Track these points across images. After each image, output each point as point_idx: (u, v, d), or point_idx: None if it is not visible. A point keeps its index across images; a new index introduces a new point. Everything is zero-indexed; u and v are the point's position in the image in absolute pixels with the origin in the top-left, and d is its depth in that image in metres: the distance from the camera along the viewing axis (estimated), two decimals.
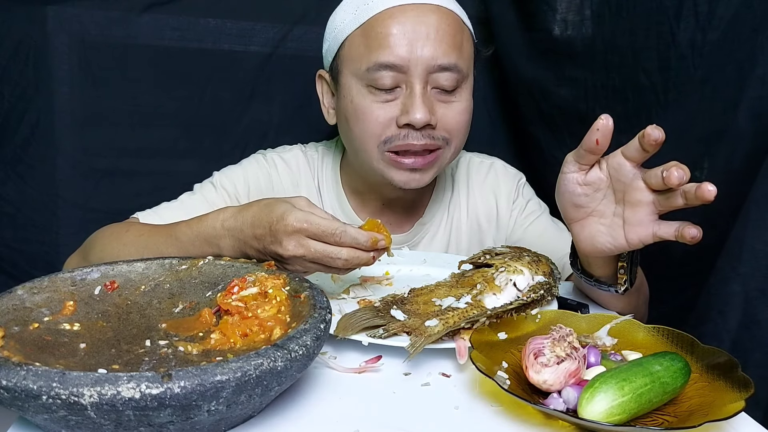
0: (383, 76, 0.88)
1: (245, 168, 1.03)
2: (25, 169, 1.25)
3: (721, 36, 0.92)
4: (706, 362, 0.62)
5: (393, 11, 0.88)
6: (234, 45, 1.31)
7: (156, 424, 0.47)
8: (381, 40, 0.87)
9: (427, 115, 0.87)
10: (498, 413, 0.58)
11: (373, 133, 0.90)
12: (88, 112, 1.27)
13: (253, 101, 1.34)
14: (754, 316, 0.83)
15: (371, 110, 0.89)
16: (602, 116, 0.66)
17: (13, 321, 0.57)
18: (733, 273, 0.85)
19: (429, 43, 0.87)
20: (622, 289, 0.76)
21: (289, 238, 0.69)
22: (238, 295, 0.63)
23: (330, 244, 0.69)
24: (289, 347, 0.51)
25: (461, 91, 0.92)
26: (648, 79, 1.04)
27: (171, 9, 1.26)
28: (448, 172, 1.08)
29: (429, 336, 0.65)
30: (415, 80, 0.88)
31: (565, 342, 0.58)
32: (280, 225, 0.69)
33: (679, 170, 0.62)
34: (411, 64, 0.87)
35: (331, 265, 0.70)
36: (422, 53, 0.87)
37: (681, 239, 0.64)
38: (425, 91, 0.88)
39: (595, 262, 0.77)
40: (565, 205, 0.73)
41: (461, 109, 0.92)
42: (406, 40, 0.87)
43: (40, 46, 1.22)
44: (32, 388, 0.45)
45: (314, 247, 0.69)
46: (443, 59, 0.88)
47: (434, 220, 1.06)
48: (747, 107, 0.87)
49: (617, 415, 0.52)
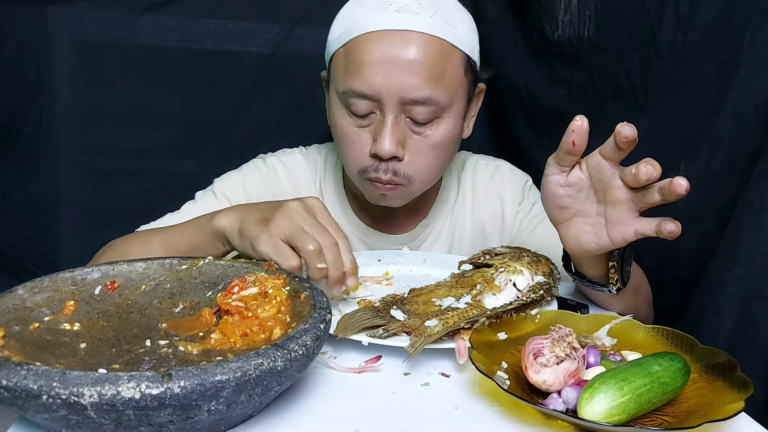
0: (357, 103, 0.86)
1: (244, 175, 1.03)
2: (27, 169, 1.26)
3: (702, 38, 0.92)
4: (705, 362, 0.62)
5: (371, 36, 0.84)
6: (234, 46, 1.31)
7: (156, 423, 0.47)
8: (356, 67, 0.85)
9: (393, 148, 0.85)
10: (497, 413, 0.58)
11: (352, 160, 0.91)
12: (89, 113, 1.28)
13: (253, 102, 1.34)
14: (749, 317, 0.83)
15: (348, 133, 0.89)
16: (577, 117, 0.66)
17: (14, 320, 0.57)
18: (728, 274, 0.85)
19: (403, 74, 0.83)
20: (614, 289, 0.76)
21: (296, 202, 0.73)
22: (238, 295, 0.63)
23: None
24: (289, 347, 0.52)
25: (439, 121, 0.88)
26: (628, 81, 1.04)
27: (172, 9, 1.27)
28: (454, 175, 1.07)
29: (429, 336, 0.65)
30: (387, 110, 0.85)
31: (565, 342, 0.58)
32: (294, 200, 0.74)
33: (648, 166, 0.62)
34: (383, 95, 0.84)
35: (305, 246, 0.70)
36: (395, 85, 0.83)
37: (660, 235, 0.65)
38: (397, 121, 0.86)
39: (585, 262, 0.77)
40: (550, 206, 0.74)
41: (434, 143, 0.88)
42: (380, 69, 0.83)
43: (42, 46, 1.22)
44: (32, 387, 0.45)
45: (314, 218, 0.72)
46: (416, 93, 0.84)
47: (437, 222, 1.05)
48: (730, 109, 0.86)
49: (617, 416, 0.52)
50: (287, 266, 0.69)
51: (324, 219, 0.74)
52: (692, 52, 0.94)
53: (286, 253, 0.70)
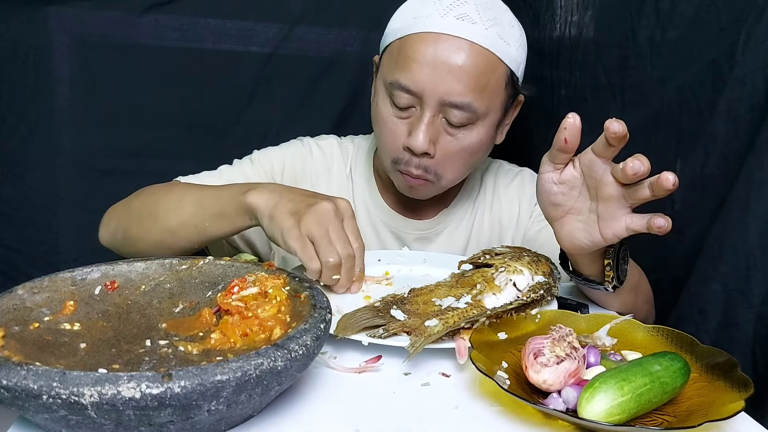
0: (400, 95, 0.90)
1: (284, 148, 1.08)
2: (24, 169, 1.25)
3: (682, 35, 0.92)
4: (705, 362, 0.62)
5: (427, 37, 0.89)
6: (234, 45, 1.31)
7: (156, 423, 0.47)
8: (407, 62, 0.89)
9: (426, 144, 0.90)
10: (498, 413, 0.58)
11: (387, 148, 0.95)
12: (89, 112, 1.27)
13: (253, 101, 1.34)
14: (733, 317, 0.83)
15: (387, 121, 0.94)
16: (569, 115, 0.67)
17: (14, 321, 0.57)
18: (713, 272, 0.85)
19: (449, 78, 0.87)
20: (610, 287, 0.77)
21: (330, 201, 0.77)
22: (238, 295, 0.63)
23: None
24: (289, 347, 0.52)
25: (473, 128, 0.92)
26: (606, 78, 1.04)
27: (171, 9, 1.27)
28: (478, 173, 1.10)
29: (429, 336, 0.65)
30: (426, 107, 0.89)
31: (565, 342, 0.58)
32: (327, 199, 0.78)
33: (635, 161, 0.63)
34: (426, 93, 0.88)
35: (325, 258, 0.74)
36: (439, 86, 0.88)
37: (650, 230, 0.66)
38: (434, 120, 0.90)
39: (581, 260, 0.77)
40: (544, 204, 0.75)
41: (464, 146, 0.92)
42: (428, 69, 0.88)
43: (41, 46, 1.22)
44: (32, 387, 0.45)
45: (341, 223, 0.76)
46: (457, 98, 0.88)
47: (458, 213, 1.08)
48: (725, 109, 0.86)
49: (617, 415, 0.52)
50: (310, 266, 0.75)
51: (349, 225, 0.78)
52: (672, 50, 0.93)
53: (311, 254, 0.75)
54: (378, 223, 1.06)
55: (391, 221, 1.06)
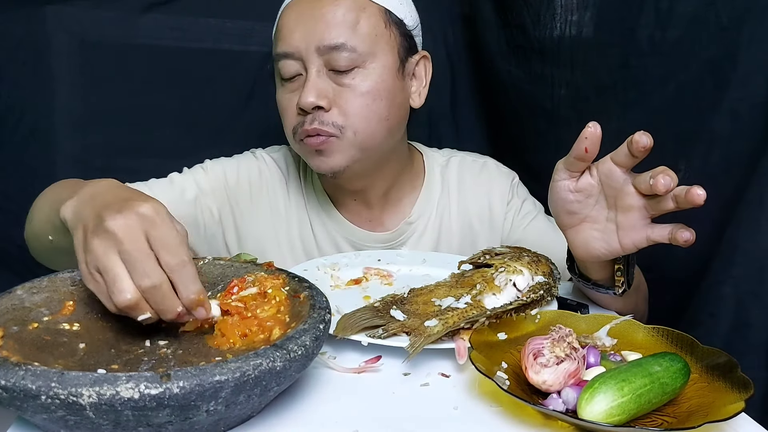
0: (284, 65, 0.91)
1: (238, 160, 1.05)
2: (24, 169, 1.25)
3: (682, 34, 0.91)
4: (705, 363, 0.62)
5: (291, 3, 0.93)
6: (234, 45, 1.31)
7: (155, 424, 0.47)
8: (280, 32, 0.92)
9: (314, 98, 0.87)
10: (497, 414, 0.58)
11: (287, 124, 0.94)
12: (88, 112, 1.27)
13: (252, 101, 1.34)
14: (746, 318, 0.83)
15: (283, 101, 0.94)
16: (590, 124, 0.66)
17: (12, 321, 0.57)
18: (725, 275, 0.85)
19: (317, 25, 0.88)
20: (620, 291, 0.76)
21: (120, 218, 0.54)
22: (237, 296, 0.63)
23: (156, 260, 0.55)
24: (288, 347, 0.51)
25: (361, 71, 0.89)
26: (607, 78, 1.03)
27: (171, 9, 1.26)
28: (437, 171, 1.07)
29: (428, 336, 0.65)
30: (309, 65, 0.89)
31: (565, 342, 0.58)
32: (133, 201, 0.57)
33: (666, 177, 0.62)
34: (301, 48, 0.89)
35: (117, 300, 0.54)
36: (309, 37, 0.88)
37: (674, 242, 0.65)
38: (319, 74, 0.89)
39: (591, 266, 0.77)
40: (559, 212, 0.74)
41: (362, 91, 0.89)
42: (296, 26, 0.89)
43: (40, 46, 1.22)
44: (31, 387, 0.45)
45: (145, 237, 0.55)
46: (330, 41, 0.87)
47: (422, 220, 1.04)
48: (728, 108, 0.86)
49: (617, 416, 0.52)
50: (110, 307, 0.56)
51: (157, 238, 0.55)
52: (673, 49, 0.93)
53: (107, 294, 0.55)
54: (337, 237, 1.02)
55: (351, 235, 1.02)
